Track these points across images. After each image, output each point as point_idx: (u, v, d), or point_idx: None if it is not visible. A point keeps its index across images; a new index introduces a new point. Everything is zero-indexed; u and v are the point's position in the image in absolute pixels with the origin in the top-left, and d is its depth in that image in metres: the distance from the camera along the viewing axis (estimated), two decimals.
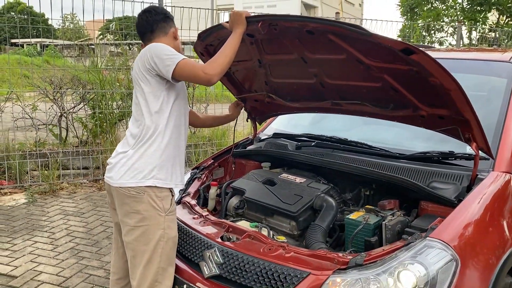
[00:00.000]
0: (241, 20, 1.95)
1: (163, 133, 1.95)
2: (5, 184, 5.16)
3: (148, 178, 1.90)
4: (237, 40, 1.95)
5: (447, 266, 1.53)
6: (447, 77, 1.65)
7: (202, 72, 1.86)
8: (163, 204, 1.92)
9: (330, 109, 2.43)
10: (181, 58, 1.89)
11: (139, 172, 1.90)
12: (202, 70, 1.87)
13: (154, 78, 1.93)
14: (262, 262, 1.69)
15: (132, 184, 1.89)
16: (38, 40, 15.20)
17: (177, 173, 2.02)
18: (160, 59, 1.89)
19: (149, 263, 1.89)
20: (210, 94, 7.41)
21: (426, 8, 14.25)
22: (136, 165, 1.91)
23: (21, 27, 6.79)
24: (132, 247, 1.93)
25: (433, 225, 1.65)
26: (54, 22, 46.41)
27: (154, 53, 1.91)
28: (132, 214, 1.90)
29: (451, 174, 1.96)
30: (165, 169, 1.95)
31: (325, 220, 1.97)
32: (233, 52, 1.94)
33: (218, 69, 1.88)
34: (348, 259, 1.60)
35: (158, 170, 1.92)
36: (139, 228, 1.90)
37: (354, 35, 1.72)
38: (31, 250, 3.59)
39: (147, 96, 1.94)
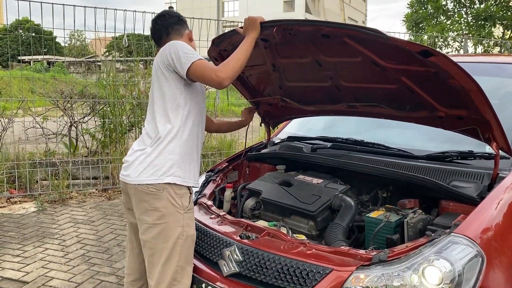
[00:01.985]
0: (256, 26, 1.96)
1: (182, 131, 1.95)
2: (15, 193, 5.17)
3: (167, 175, 1.89)
4: (250, 45, 1.96)
5: (472, 263, 1.51)
6: (467, 79, 1.65)
7: (214, 74, 1.87)
8: (182, 202, 1.91)
9: (346, 111, 2.43)
10: (197, 58, 1.90)
11: (158, 169, 1.90)
12: (214, 72, 1.87)
13: (172, 74, 1.94)
14: (283, 259, 1.68)
15: (151, 181, 1.89)
16: (45, 57, 15.43)
17: (195, 172, 2.02)
18: (177, 56, 1.91)
19: (168, 261, 1.87)
20: (217, 108, 7.45)
21: (431, 23, 14.33)
22: (155, 162, 1.91)
23: (28, 45, 6.89)
24: (151, 245, 1.91)
25: (457, 222, 1.64)
26: (61, 40, 47.07)
27: (172, 50, 1.93)
28: (150, 211, 1.89)
29: (471, 173, 1.95)
30: (184, 167, 1.95)
31: (344, 219, 1.95)
32: (246, 57, 1.95)
33: (230, 73, 1.88)
34: (371, 255, 1.58)
35: (177, 168, 1.92)
36: (158, 225, 1.89)
37: (370, 38, 1.72)
38: (42, 256, 3.57)
39: (165, 93, 1.95)
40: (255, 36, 1.98)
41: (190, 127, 1.98)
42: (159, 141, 1.94)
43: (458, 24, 13.81)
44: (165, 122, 1.95)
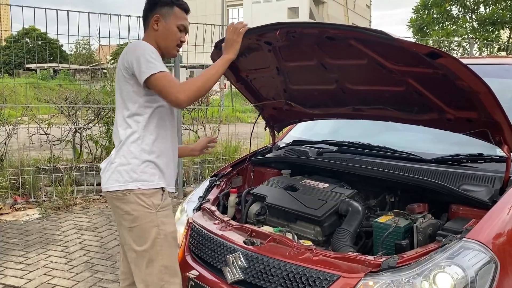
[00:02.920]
0: (237, 41, 1.90)
1: (143, 135, 1.88)
2: (19, 199, 5.15)
3: (130, 181, 1.85)
4: (223, 67, 1.89)
5: (485, 269, 1.46)
6: (476, 80, 1.60)
7: (174, 93, 1.79)
8: (152, 201, 1.86)
9: (352, 114, 2.39)
10: (159, 70, 1.80)
11: (121, 175, 1.86)
12: (174, 92, 1.79)
13: (132, 77, 1.86)
14: (289, 266, 1.63)
15: (116, 187, 1.86)
16: (51, 65, 15.53)
17: (165, 175, 1.94)
18: (138, 62, 1.81)
19: (150, 263, 1.84)
20: (222, 114, 7.45)
21: (436, 28, 14.29)
22: (118, 167, 1.87)
23: (34, 53, 6.92)
24: (131, 249, 1.89)
25: (468, 227, 1.58)
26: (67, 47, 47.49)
27: (134, 52, 1.83)
28: (123, 216, 1.87)
29: (482, 176, 1.89)
30: (148, 170, 1.88)
31: (351, 224, 1.90)
32: (215, 79, 1.87)
33: (191, 95, 1.81)
34: (380, 261, 1.53)
35: (140, 172, 1.86)
36: (133, 228, 1.86)
37: (376, 40, 1.68)
38: (45, 263, 3.54)
39: (125, 96, 1.89)
40: (231, 58, 1.91)
41: (154, 130, 1.90)
42: (122, 145, 1.90)
43: (463, 29, 13.76)
44: (126, 126, 1.90)
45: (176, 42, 2.00)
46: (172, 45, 2.00)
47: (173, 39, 1.99)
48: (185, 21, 2.02)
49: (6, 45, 23.73)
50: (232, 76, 2.47)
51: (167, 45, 1.99)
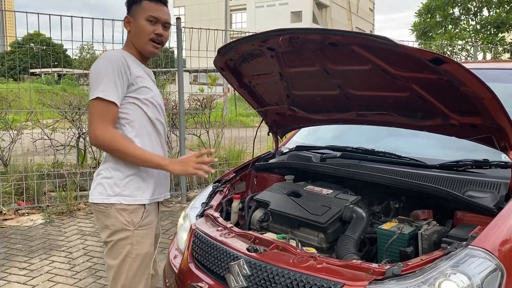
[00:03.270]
0: (184, 172, 1.86)
1: None
2: (23, 204, 5.15)
3: (112, 195, 1.84)
4: (148, 162, 1.83)
5: (492, 277, 1.44)
6: (480, 85, 1.59)
7: (94, 130, 1.77)
8: (132, 218, 1.84)
9: (355, 120, 2.38)
10: (95, 96, 1.76)
11: (104, 188, 1.86)
12: (96, 128, 1.76)
13: None
14: (293, 273, 1.61)
15: (99, 200, 1.85)
16: (55, 70, 15.61)
17: (149, 189, 1.91)
18: (90, 80, 1.81)
19: (114, 279, 1.84)
20: (225, 118, 7.44)
21: (439, 31, 14.27)
22: (102, 180, 1.87)
23: (39, 58, 6.96)
24: (105, 261, 1.89)
25: (474, 234, 1.57)
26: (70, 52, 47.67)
27: (92, 68, 1.83)
28: (103, 229, 1.87)
29: (487, 182, 1.88)
30: (132, 185, 1.86)
31: (356, 231, 1.88)
32: (131, 160, 1.81)
33: (104, 144, 1.78)
34: (384, 269, 1.51)
35: (123, 186, 1.85)
36: (108, 243, 1.86)
37: (379, 46, 1.68)
38: (49, 269, 3.54)
39: None
40: (163, 166, 1.84)
41: (136, 140, 1.86)
42: (106, 157, 1.91)
43: (466, 32, 13.74)
44: None
45: (148, 37, 1.90)
46: (145, 41, 1.90)
47: (144, 34, 1.89)
48: (156, 12, 1.89)
49: (11, 50, 23.86)
50: (235, 82, 2.47)
51: (140, 43, 1.92)
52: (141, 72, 1.92)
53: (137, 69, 1.90)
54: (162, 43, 1.96)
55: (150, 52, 1.95)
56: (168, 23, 1.96)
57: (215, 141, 6.67)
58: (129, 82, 1.84)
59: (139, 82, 1.88)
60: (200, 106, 6.88)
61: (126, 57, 1.86)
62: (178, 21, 5.60)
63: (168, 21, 1.96)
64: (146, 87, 1.91)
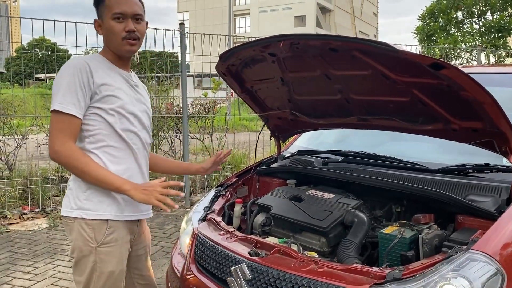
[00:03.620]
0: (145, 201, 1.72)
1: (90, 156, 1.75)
2: (28, 209, 5.19)
3: (75, 208, 1.75)
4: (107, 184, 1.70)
5: (492, 281, 1.44)
6: (480, 90, 1.60)
7: (53, 143, 1.67)
8: (95, 234, 1.74)
9: (357, 124, 2.39)
10: (53, 108, 1.68)
11: (69, 200, 1.78)
12: (54, 142, 1.66)
13: None
14: (294, 277, 1.62)
15: (64, 213, 1.79)
16: None
17: (114, 204, 1.79)
18: (52, 89, 1.72)
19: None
20: (228, 123, 7.47)
21: (443, 35, 14.28)
22: (68, 192, 1.81)
23: (44, 63, 7.02)
24: (73, 278, 1.85)
25: (475, 238, 1.57)
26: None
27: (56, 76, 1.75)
28: (70, 243, 1.81)
29: (488, 186, 1.88)
30: (93, 198, 1.75)
31: (357, 235, 1.89)
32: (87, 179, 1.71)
33: (61, 159, 1.68)
34: (385, 273, 1.52)
35: (85, 199, 1.75)
36: (73, 258, 1.79)
37: (379, 51, 1.69)
38: (53, 273, 3.56)
39: None
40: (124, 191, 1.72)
41: (100, 155, 1.76)
42: None
43: (470, 36, 13.74)
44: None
45: (119, 36, 1.77)
46: (118, 42, 1.78)
47: (115, 35, 1.77)
48: (121, 6, 1.75)
49: (16, 56, 24.03)
50: (237, 87, 2.49)
51: (114, 45, 1.81)
52: (111, 79, 1.78)
53: (105, 76, 1.77)
54: (137, 38, 1.81)
55: (127, 51, 1.82)
56: (138, 15, 1.80)
57: (218, 145, 6.70)
58: (92, 91, 1.72)
59: (104, 90, 1.74)
60: (204, 110, 6.91)
61: (92, 63, 1.74)
62: (181, 27, 5.64)
63: (137, 12, 1.79)
64: (113, 95, 1.76)
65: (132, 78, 1.92)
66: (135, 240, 1.98)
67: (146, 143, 1.93)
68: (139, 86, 1.98)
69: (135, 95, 1.89)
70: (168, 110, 6.58)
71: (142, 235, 2.04)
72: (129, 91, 1.86)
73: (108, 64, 1.82)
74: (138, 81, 2.00)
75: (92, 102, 1.74)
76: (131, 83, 1.89)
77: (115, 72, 1.83)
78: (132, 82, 1.90)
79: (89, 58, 1.79)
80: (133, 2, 1.79)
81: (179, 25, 5.70)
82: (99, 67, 1.77)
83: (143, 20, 1.84)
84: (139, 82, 2.02)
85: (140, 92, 1.96)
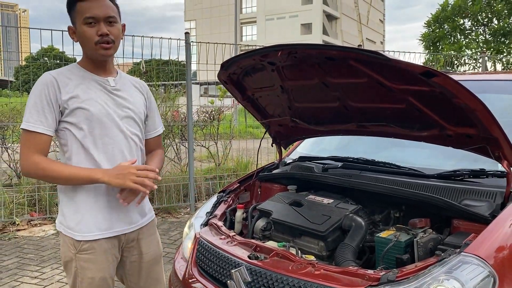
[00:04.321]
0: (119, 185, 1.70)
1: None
2: (35, 215, 5.27)
3: (59, 221, 1.85)
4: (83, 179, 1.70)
5: (484, 283, 1.47)
6: (471, 97, 1.65)
7: (20, 159, 1.72)
8: (73, 242, 1.78)
9: (355, 131, 2.43)
10: (22, 127, 1.70)
11: (59, 211, 1.87)
12: (21, 158, 1.71)
13: None
14: (291, 280, 1.67)
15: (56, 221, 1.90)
16: None
17: (83, 222, 1.77)
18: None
19: None
20: (234, 130, 7.53)
21: (448, 42, 14.29)
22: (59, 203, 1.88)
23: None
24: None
25: (467, 241, 1.61)
26: None
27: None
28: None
29: (483, 191, 1.92)
30: (69, 216, 1.78)
31: (354, 239, 1.93)
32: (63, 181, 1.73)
33: (30, 172, 1.72)
34: (379, 275, 1.55)
35: (63, 215, 1.81)
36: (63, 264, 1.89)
37: (373, 60, 1.75)
38: (59, 278, 3.62)
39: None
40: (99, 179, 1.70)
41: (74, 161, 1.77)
42: None
43: (475, 43, 13.74)
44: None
45: (92, 40, 1.73)
46: (91, 47, 1.74)
47: (88, 40, 1.74)
48: (91, 10, 1.70)
49: (25, 65, 24.31)
50: (239, 95, 2.55)
51: (88, 51, 1.78)
52: (81, 90, 1.75)
53: (75, 88, 1.75)
54: (111, 41, 1.76)
55: (102, 55, 1.77)
56: (110, 17, 1.74)
57: (223, 152, 6.76)
58: (61, 107, 1.72)
59: (71, 104, 1.72)
60: (209, 118, 6.98)
61: (61, 77, 1.74)
62: (186, 36, 5.74)
63: (109, 14, 1.74)
64: (80, 107, 1.73)
65: (109, 83, 1.84)
66: (129, 246, 1.93)
67: (126, 149, 1.85)
68: (123, 89, 1.89)
69: (113, 100, 1.83)
70: (174, 117, 6.66)
71: (136, 241, 1.95)
72: (104, 97, 1.81)
73: (82, 73, 1.80)
74: (125, 83, 1.92)
75: (63, 117, 1.74)
76: (108, 89, 1.83)
77: (89, 80, 1.79)
78: (110, 87, 1.83)
79: (58, 72, 1.77)
80: (104, 4, 1.74)
81: (184, 35, 5.80)
82: (71, 79, 1.76)
83: (117, 23, 1.78)
84: (127, 84, 1.93)
85: (123, 96, 1.86)
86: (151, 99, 2.06)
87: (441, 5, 14.22)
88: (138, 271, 1.99)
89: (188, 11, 55.45)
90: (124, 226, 1.87)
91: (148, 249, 2.00)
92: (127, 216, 1.87)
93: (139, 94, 1.98)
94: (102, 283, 1.82)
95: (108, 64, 1.86)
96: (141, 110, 1.94)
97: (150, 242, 2.02)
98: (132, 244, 1.94)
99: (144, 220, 1.98)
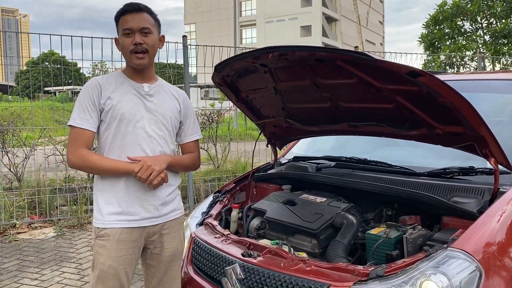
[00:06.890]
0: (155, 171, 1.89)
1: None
2: (36, 218, 5.31)
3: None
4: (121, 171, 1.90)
5: (470, 277, 1.51)
6: (456, 96, 1.68)
7: (67, 153, 1.93)
8: (94, 228, 1.98)
9: (347, 131, 2.47)
10: (69, 124, 1.92)
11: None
12: (68, 151, 1.92)
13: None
14: (283, 276, 1.70)
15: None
16: (69, 88, 15.98)
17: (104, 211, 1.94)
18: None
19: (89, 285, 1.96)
20: (233, 132, 7.56)
21: (447, 43, 14.30)
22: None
23: (53, 76, 7.20)
24: None
25: (454, 236, 1.64)
26: (85, 70, 48.66)
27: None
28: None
29: (472, 188, 1.95)
30: (95, 207, 1.98)
31: (345, 236, 1.97)
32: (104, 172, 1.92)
33: (76, 164, 1.91)
34: (368, 271, 1.59)
35: (95, 209, 2.00)
36: None
37: (360, 61, 1.78)
38: (59, 280, 3.66)
39: None
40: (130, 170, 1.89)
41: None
42: None
43: (475, 43, 13.76)
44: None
45: (128, 49, 1.93)
46: (128, 56, 1.95)
47: (125, 49, 1.94)
48: (129, 23, 1.92)
49: (26, 69, 24.38)
50: (233, 96, 2.59)
51: (127, 59, 1.99)
52: (117, 92, 1.95)
53: (113, 91, 1.95)
54: (145, 50, 1.94)
55: (136, 64, 1.95)
56: (144, 28, 1.93)
57: (223, 154, 6.79)
58: (100, 107, 1.93)
59: (108, 104, 1.93)
60: (207, 120, 7.03)
61: (104, 81, 1.96)
62: (184, 39, 5.78)
63: (143, 26, 1.93)
64: (113, 108, 1.93)
65: (143, 89, 2.01)
66: (151, 239, 2.01)
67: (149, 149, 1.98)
68: (156, 95, 2.05)
69: (143, 104, 2.00)
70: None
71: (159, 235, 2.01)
72: (136, 100, 1.98)
73: (122, 79, 2.00)
74: (159, 90, 2.07)
75: (102, 116, 1.95)
76: (142, 93, 2.00)
77: (126, 85, 1.99)
78: (143, 92, 2.01)
79: (103, 78, 2.00)
80: (140, 18, 1.94)
81: (182, 38, 5.84)
82: (112, 83, 1.97)
83: (152, 33, 1.96)
84: (162, 91, 2.09)
85: (153, 101, 2.02)
86: (188, 107, 2.20)
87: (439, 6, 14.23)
88: (158, 263, 2.05)
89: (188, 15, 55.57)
90: (143, 219, 1.96)
91: (170, 245, 2.05)
92: (146, 210, 1.96)
93: (174, 102, 2.11)
94: (111, 271, 1.89)
95: (146, 71, 2.04)
96: (171, 115, 2.07)
97: (173, 238, 2.07)
98: (154, 237, 2.01)
99: (167, 216, 2.04)
